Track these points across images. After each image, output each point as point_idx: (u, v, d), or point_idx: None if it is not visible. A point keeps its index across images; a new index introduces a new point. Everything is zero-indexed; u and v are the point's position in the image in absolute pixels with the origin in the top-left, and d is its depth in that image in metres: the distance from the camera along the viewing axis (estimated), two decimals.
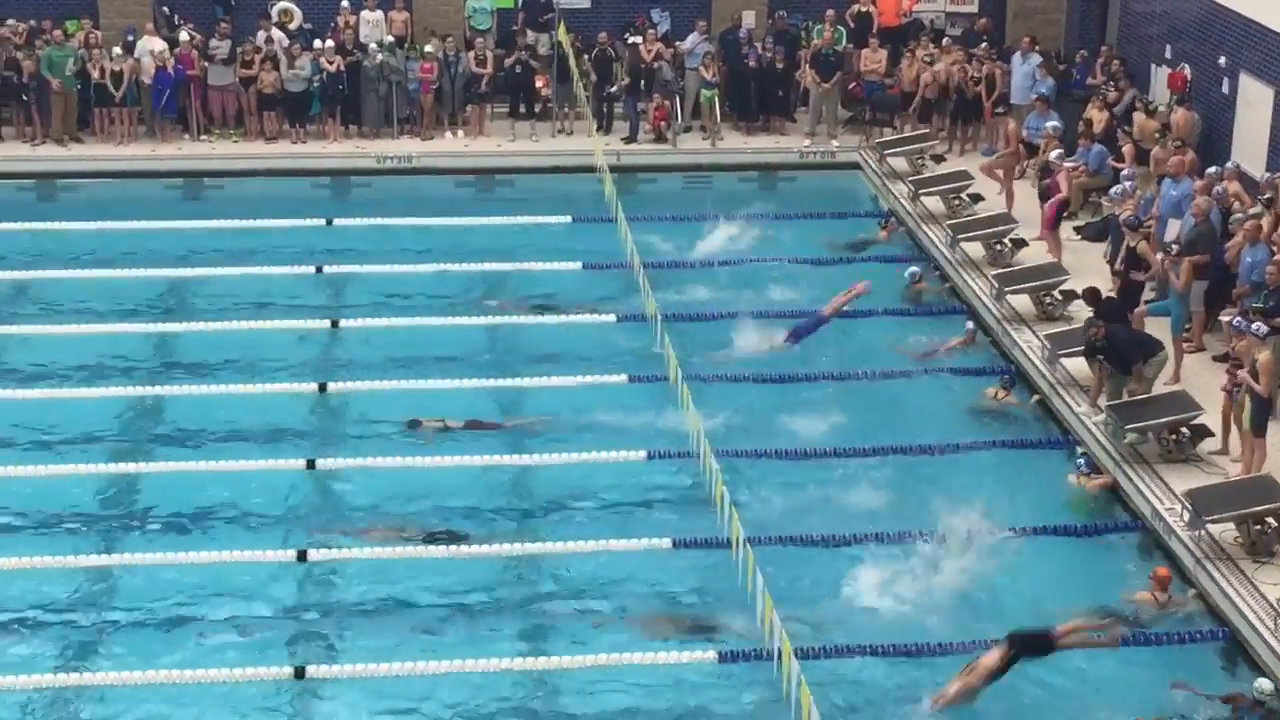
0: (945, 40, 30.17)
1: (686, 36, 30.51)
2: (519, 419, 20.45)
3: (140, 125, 29.38)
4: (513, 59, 29.65)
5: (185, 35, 29.43)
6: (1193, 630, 16.31)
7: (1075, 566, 17.61)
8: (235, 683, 15.45)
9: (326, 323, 23.02)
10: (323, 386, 21.15)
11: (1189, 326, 21.15)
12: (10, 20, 29.43)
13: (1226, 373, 18.74)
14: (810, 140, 29.81)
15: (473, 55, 29.76)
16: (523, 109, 29.93)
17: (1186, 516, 17.37)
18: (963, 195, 26.54)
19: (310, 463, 19.28)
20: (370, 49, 29.39)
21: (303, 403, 20.87)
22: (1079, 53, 29.70)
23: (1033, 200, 25.35)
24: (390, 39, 29.80)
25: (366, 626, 16.51)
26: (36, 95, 28.80)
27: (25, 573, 17.14)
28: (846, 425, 20.13)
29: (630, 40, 30.25)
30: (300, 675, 15.57)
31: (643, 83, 29.70)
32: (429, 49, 29.44)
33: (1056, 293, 22.70)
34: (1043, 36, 30.34)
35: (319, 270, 24.71)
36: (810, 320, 22.27)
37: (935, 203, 26.65)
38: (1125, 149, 25.50)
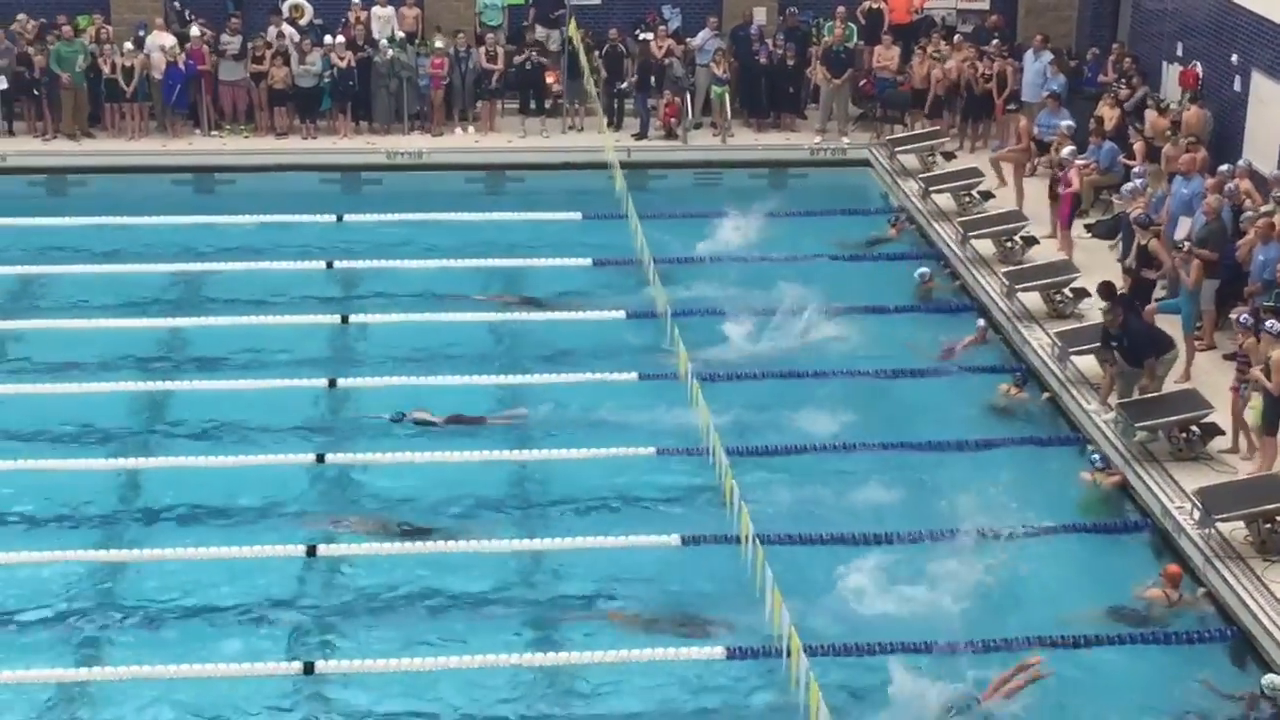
0: (956, 37, 30.10)
1: (697, 33, 30.49)
2: (500, 416, 20.37)
3: (151, 120, 29.40)
4: (523, 55, 29.65)
5: (196, 30, 29.47)
6: (1203, 630, 16.27)
7: (1086, 564, 17.60)
8: (244, 678, 15.42)
9: (337, 318, 23.05)
10: (333, 382, 21.16)
11: (1200, 325, 21.12)
12: (21, 15, 29.46)
13: (1236, 370, 18.74)
14: (821, 137, 29.78)
15: (483, 51, 29.73)
16: (533, 105, 29.93)
17: (1196, 515, 17.35)
18: (973, 192, 26.51)
19: (320, 457, 19.29)
20: (381, 45, 29.39)
21: (313, 397, 20.88)
22: (1090, 50, 29.68)
23: (1043, 198, 25.31)
24: (401, 35, 29.81)
25: (376, 622, 16.49)
26: (48, 90, 28.84)
27: (34, 567, 17.15)
28: (857, 422, 20.08)
29: (641, 36, 30.25)
30: (309, 670, 15.57)
31: (653, 79, 29.69)
32: (439, 45, 29.45)
33: (1067, 290, 22.67)
34: (1054, 33, 30.29)
35: (329, 265, 24.72)
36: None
37: (946, 200, 26.62)
38: (1136, 146, 25.43)
